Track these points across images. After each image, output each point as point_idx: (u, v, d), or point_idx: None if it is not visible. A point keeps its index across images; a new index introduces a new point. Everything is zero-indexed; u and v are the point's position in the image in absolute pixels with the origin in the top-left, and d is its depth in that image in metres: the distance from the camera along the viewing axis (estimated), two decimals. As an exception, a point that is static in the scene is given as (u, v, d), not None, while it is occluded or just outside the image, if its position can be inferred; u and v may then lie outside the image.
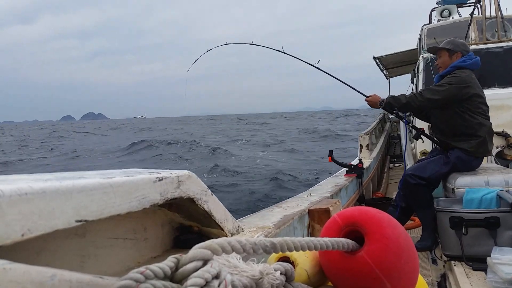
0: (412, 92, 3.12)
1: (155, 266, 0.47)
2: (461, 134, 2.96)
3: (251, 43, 3.72)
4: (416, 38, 7.41)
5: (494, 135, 4.27)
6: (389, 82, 11.51)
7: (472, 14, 5.60)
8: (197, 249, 0.51)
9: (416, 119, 3.99)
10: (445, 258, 2.59)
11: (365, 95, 3.31)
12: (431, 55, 4.51)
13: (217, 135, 31.90)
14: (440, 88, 2.93)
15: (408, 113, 3.94)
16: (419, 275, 0.88)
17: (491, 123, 3.03)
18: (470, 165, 2.99)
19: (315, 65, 3.53)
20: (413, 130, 3.50)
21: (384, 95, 3.25)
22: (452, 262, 2.47)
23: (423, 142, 3.76)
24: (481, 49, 4.84)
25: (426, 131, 3.41)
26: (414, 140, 4.14)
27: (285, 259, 0.84)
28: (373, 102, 3.20)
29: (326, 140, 23.09)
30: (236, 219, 1.17)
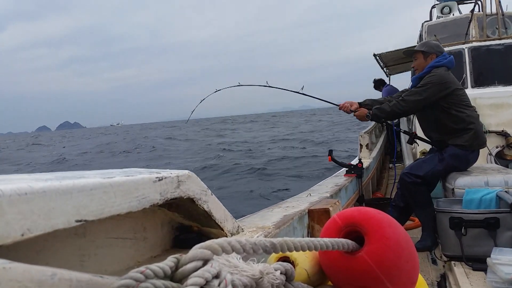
0: (394, 99, 3.16)
1: (155, 266, 0.47)
2: (453, 131, 2.97)
3: (238, 84, 3.79)
4: (417, 35, 7.40)
5: (494, 134, 4.28)
6: (389, 79, 11.49)
7: (472, 11, 5.60)
8: (197, 249, 0.51)
9: (409, 123, 3.99)
10: (445, 258, 2.59)
11: (352, 111, 3.33)
12: None
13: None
14: (421, 89, 2.97)
15: (396, 120, 3.97)
16: (419, 275, 0.88)
17: (478, 114, 3.06)
18: (467, 160, 2.99)
19: (300, 92, 3.61)
20: (406, 135, 3.51)
21: (364, 94, 3.29)
22: (452, 262, 2.47)
23: (418, 145, 3.74)
24: (482, 46, 4.82)
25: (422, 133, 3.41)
26: None
27: (285, 259, 0.84)
28: (360, 116, 3.25)
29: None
30: (236, 219, 1.17)
